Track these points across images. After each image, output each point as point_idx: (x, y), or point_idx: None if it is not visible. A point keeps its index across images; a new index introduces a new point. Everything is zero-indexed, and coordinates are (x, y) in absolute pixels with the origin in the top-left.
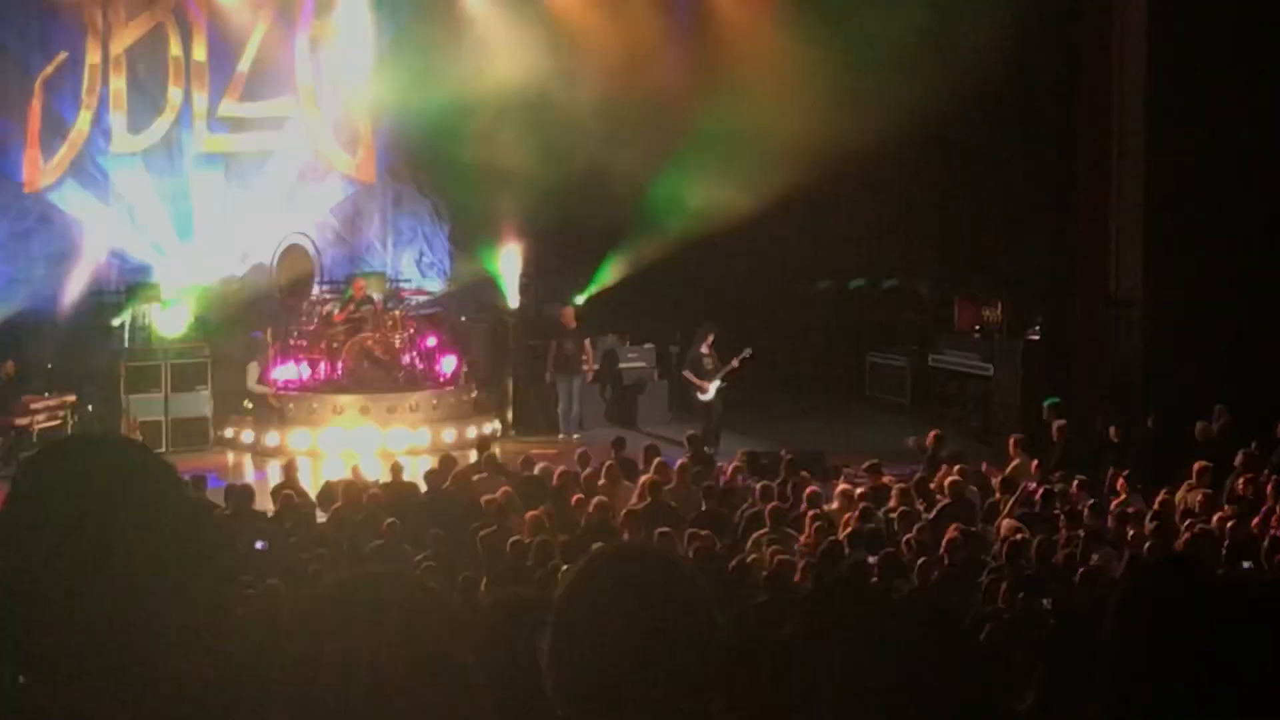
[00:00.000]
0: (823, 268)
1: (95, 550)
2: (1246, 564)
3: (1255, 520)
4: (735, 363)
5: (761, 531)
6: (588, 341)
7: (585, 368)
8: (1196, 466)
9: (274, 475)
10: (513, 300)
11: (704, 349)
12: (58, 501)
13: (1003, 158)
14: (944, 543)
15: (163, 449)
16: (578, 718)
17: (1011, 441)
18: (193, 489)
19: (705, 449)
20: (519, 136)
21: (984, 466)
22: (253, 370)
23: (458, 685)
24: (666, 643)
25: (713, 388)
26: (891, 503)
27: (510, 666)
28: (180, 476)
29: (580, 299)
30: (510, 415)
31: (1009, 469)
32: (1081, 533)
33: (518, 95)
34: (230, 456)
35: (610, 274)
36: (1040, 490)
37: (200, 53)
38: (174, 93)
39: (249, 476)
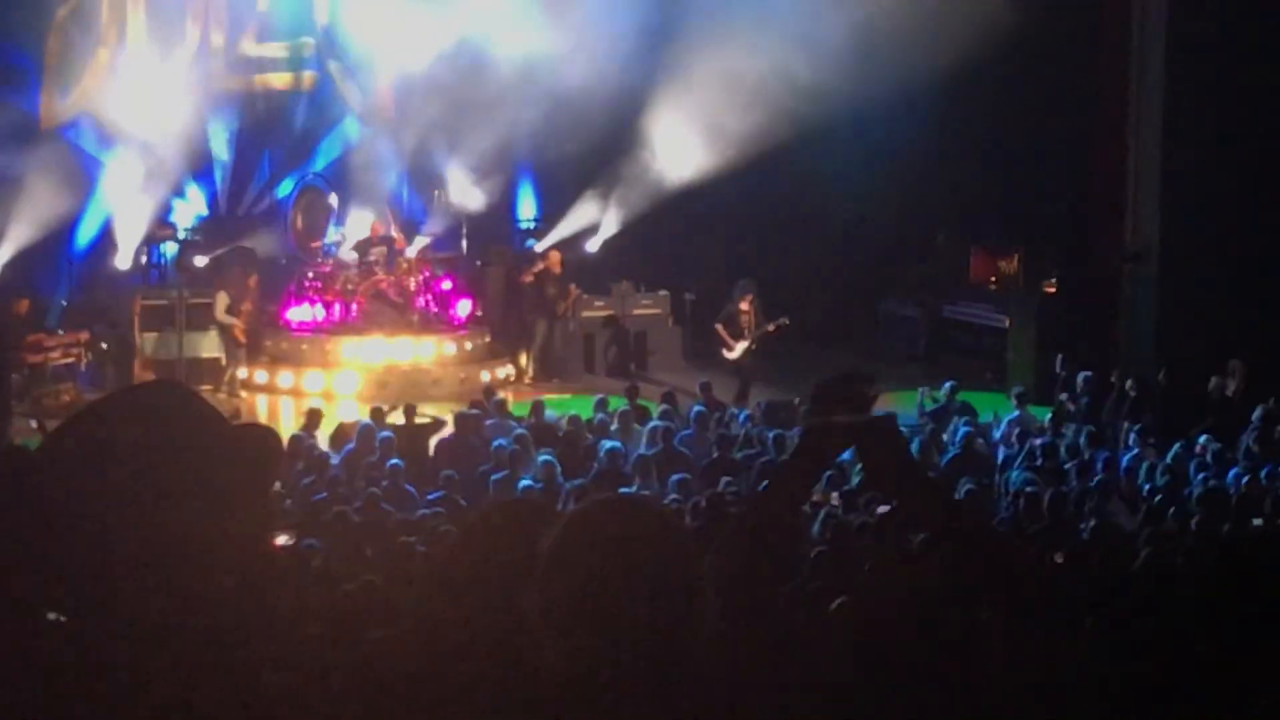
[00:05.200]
0: (835, 215)
1: (143, 492)
2: (1256, 520)
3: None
4: (770, 327)
5: None
6: (572, 286)
7: (562, 313)
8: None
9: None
10: (529, 243)
11: (743, 305)
12: (106, 447)
13: (1020, 108)
14: (962, 495)
15: None
16: (568, 669)
17: (1015, 394)
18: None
19: (736, 402)
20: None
21: (995, 417)
22: (220, 300)
23: None
24: (652, 592)
25: (740, 348)
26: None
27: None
28: (225, 419)
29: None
30: (524, 360)
31: (1013, 421)
32: (1093, 485)
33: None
34: (244, 396)
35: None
36: (1047, 444)
37: None
38: (192, 31)
39: (262, 418)
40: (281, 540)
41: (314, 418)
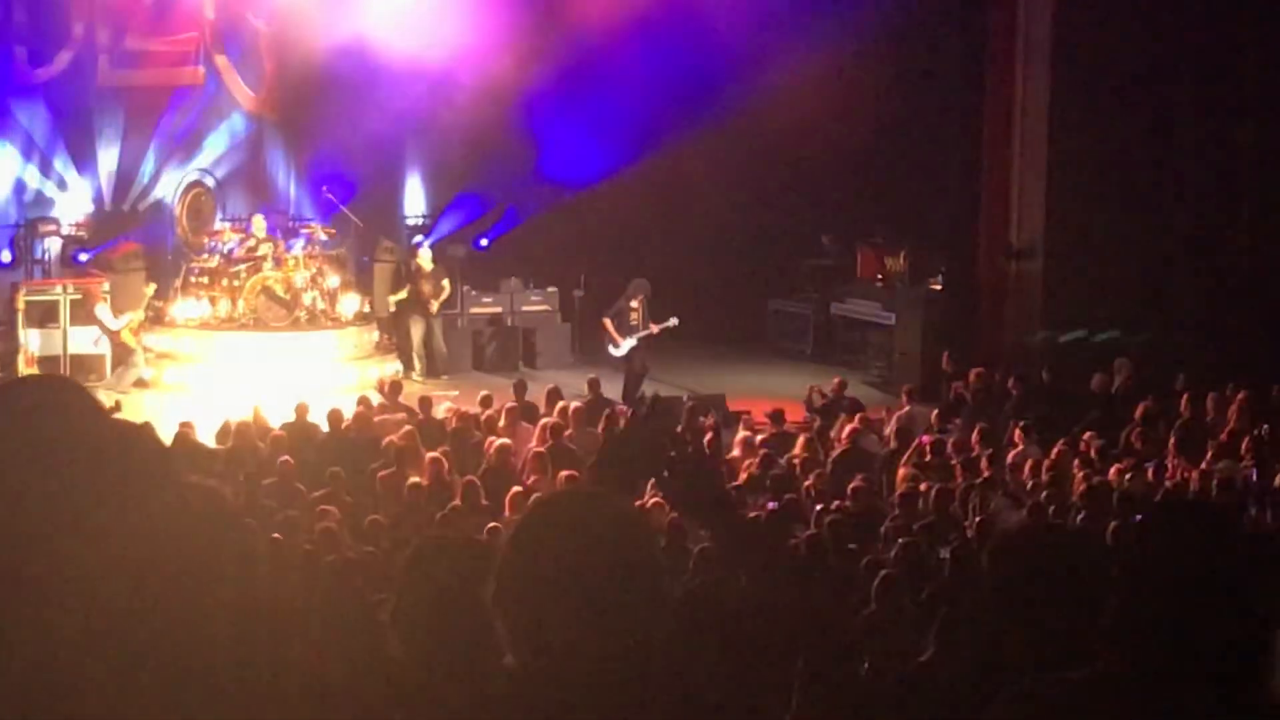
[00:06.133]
0: (732, 215)
1: (17, 488)
2: (1138, 516)
3: (1150, 473)
4: (654, 328)
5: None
6: (445, 281)
7: (438, 310)
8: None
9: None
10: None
11: (633, 304)
12: None
13: (908, 107)
14: (849, 491)
15: None
16: (529, 663)
17: (904, 391)
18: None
19: (623, 398)
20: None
21: (885, 413)
22: (102, 310)
23: None
24: (617, 586)
25: (625, 345)
26: (796, 450)
27: (449, 612)
28: (103, 408)
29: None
30: (413, 357)
31: (900, 417)
32: (978, 482)
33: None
34: (129, 392)
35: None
36: (934, 440)
37: None
38: (77, 25)
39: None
40: None
41: (185, 426)
